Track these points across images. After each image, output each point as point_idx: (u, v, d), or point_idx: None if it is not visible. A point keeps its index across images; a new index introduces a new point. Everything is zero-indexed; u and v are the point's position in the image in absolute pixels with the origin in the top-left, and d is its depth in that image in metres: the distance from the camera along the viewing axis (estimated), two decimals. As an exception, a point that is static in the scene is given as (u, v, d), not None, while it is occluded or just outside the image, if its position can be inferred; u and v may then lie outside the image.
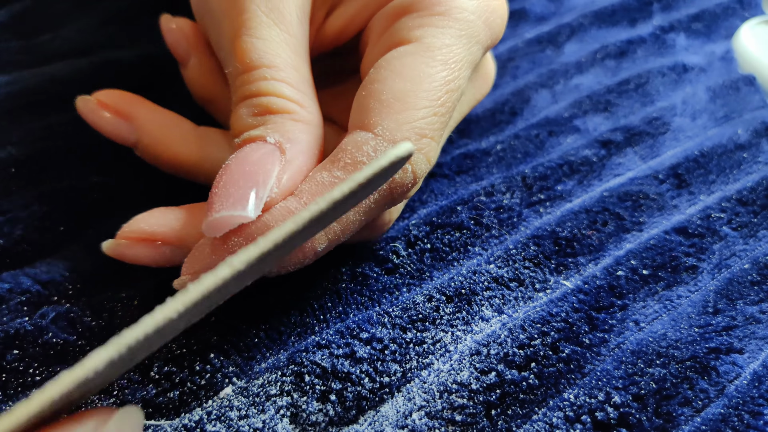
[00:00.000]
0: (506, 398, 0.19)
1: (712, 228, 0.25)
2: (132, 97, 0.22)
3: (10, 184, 0.25)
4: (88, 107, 0.22)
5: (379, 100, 0.19)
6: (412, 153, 0.15)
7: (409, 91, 0.19)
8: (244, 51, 0.20)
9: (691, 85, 0.32)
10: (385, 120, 0.18)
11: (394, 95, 0.19)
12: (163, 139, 0.22)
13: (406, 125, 0.18)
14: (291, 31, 0.20)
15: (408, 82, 0.19)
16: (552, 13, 0.37)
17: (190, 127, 0.22)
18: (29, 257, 0.23)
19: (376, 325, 0.21)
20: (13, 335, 0.20)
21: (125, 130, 0.22)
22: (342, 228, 0.18)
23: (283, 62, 0.20)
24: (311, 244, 0.18)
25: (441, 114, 0.19)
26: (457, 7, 0.20)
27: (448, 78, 0.19)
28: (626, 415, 0.19)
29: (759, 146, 0.29)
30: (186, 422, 0.18)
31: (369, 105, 0.19)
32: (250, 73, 0.20)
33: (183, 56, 0.24)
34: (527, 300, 0.22)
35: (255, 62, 0.20)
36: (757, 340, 0.21)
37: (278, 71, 0.20)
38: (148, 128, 0.22)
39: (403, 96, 0.19)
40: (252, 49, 0.20)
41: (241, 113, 0.20)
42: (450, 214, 0.25)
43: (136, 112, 0.22)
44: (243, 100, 0.20)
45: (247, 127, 0.19)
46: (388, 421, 0.19)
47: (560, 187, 0.26)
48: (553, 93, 0.32)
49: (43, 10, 0.34)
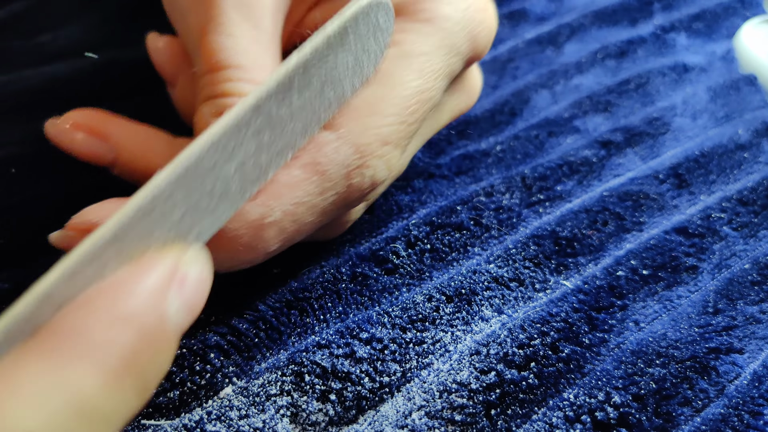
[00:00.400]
0: (506, 398, 0.19)
1: (713, 228, 0.25)
2: (103, 114, 0.22)
3: (12, 183, 0.25)
4: (59, 130, 0.21)
5: (347, 102, 0.18)
6: (385, 2, 0.15)
7: (379, 96, 0.18)
8: (210, 50, 0.19)
9: (692, 85, 0.32)
10: (351, 122, 0.18)
11: (364, 98, 0.18)
12: (142, 153, 0.21)
13: (372, 130, 0.18)
14: (261, 26, 0.20)
15: (380, 86, 0.19)
16: (552, 13, 0.37)
17: (167, 138, 0.22)
18: (30, 257, 0.23)
19: (376, 325, 0.21)
20: (13, 335, 0.20)
21: (102, 149, 0.21)
22: (297, 228, 0.18)
23: (250, 62, 0.19)
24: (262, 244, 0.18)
25: (408, 123, 0.19)
26: (441, 17, 0.20)
27: (421, 87, 0.19)
28: (626, 415, 0.19)
29: (760, 146, 0.29)
30: (186, 422, 0.18)
31: None
32: (215, 73, 0.19)
33: (171, 76, 0.23)
34: (527, 300, 0.22)
35: (221, 62, 0.19)
36: (757, 340, 0.21)
37: (245, 71, 0.19)
38: (126, 144, 0.21)
39: (374, 100, 0.18)
40: (219, 49, 0.19)
41: (204, 112, 0.19)
42: (450, 215, 0.25)
43: (111, 129, 0.21)
44: (206, 100, 0.19)
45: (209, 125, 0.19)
46: (388, 421, 0.19)
47: (560, 188, 0.26)
48: (553, 93, 0.32)
49: (43, 9, 0.34)
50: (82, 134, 0.21)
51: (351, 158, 0.18)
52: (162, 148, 0.22)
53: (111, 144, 0.21)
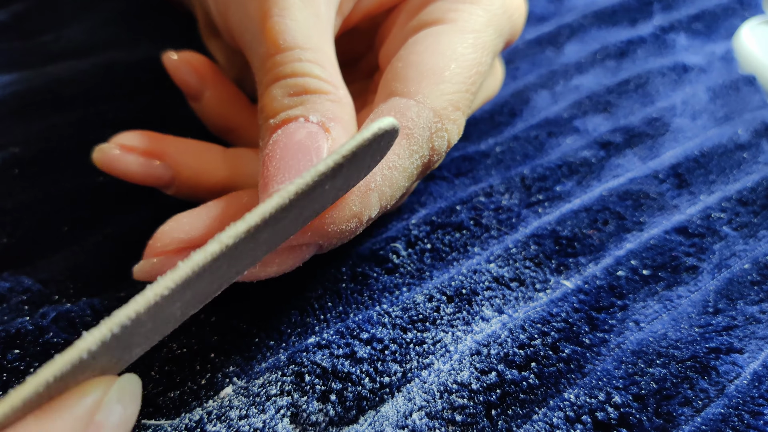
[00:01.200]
0: (506, 398, 0.19)
1: (713, 228, 0.25)
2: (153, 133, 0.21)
3: (14, 184, 0.25)
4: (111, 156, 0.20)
5: (417, 71, 0.19)
6: (397, 129, 0.15)
7: (444, 66, 0.19)
8: (276, 32, 0.19)
9: (691, 86, 0.32)
10: (426, 88, 0.19)
11: (432, 68, 0.19)
12: (203, 168, 0.21)
13: (445, 96, 0.19)
14: (319, 13, 0.20)
15: (444, 57, 0.20)
16: (552, 14, 0.37)
17: (221, 150, 0.22)
18: (31, 257, 0.23)
19: (377, 325, 0.21)
20: (13, 335, 0.20)
21: (159, 169, 0.21)
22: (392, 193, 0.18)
23: (314, 44, 0.20)
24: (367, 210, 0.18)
25: (471, 92, 0.20)
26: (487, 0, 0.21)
27: (477, 60, 0.20)
28: (626, 415, 0.19)
29: (759, 146, 0.29)
30: (186, 422, 0.18)
31: (407, 74, 0.19)
32: (283, 53, 0.19)
33: (196, 90, 0.23)
34: (528, 300, 0.22)
35: (288, 43, 0.19)
36: (757, 340, 0.21)
37: (311, 52, 0.19)
38: (185, 161, 0.21)
39: (440, 69, 0.19)
40: (285, 30, 0.19)
41: (275, 94, 0.19)
42: (450, 214, 0.25)
43: (165, 147, 0.21)
44: (275, 81, 0.19)
45: (284, 107, 0.19)
46: (389, 421, 0.19)
47: (559, 188, 0.26)
48: (553, 94, 0.32)
49: (45, 10, 0.34)
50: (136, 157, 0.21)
51: (431, 121, 0.19)
52: (219, 161, 0.22)
53: (168, 163, 0.21)
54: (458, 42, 0.20)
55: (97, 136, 0.23)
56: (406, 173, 0.19)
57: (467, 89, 0.20)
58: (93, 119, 0.28)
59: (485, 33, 0.21)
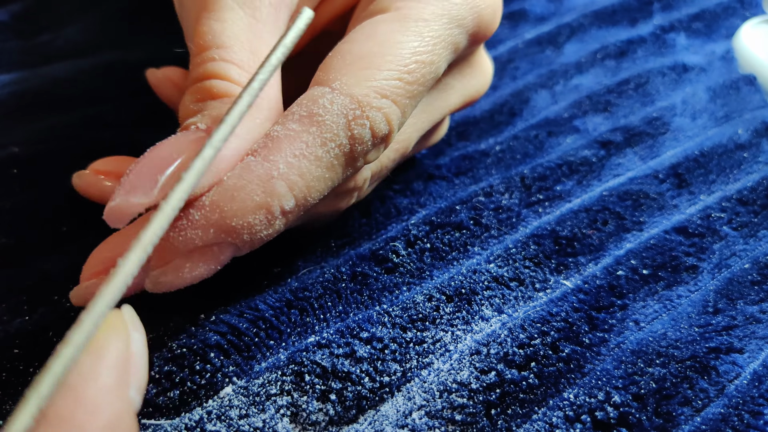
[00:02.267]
0: (506, 398, 0.19)
1: (713, 228, 0.25)
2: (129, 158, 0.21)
3: (13, 184, 0.25)
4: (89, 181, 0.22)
5: (343, 59, 0.18)
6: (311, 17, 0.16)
7: (375, 53, 0.18)
8: (200, 32, 0.19)
9: (691, 85, 0.32)
10: (345, 76, 0.18)
11: (359, 55, 0.18)
12: None
13: (366, 82, 0.18)
14: (258, 15, 0.19)
15: (376, 45, 0.19)
16: (552, 14, 0.37)
17: None
18: (31, 257, 0.23)
19: (376, 325, 0.21)
20: (13, 335, 0.20)
21: None
22: (306, 183, 0.17)
23: (238, 44, 0.19)
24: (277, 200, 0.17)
25: (407, 82, 0.19)
26: None
27: (419, 49, 0.19)
28: (626, 414, 0.19)
29: (759, 146, 0.29)
30: (186, 422, 0.18)
31: (332, 63, 0.19)
32: (201, 54, 0.19)
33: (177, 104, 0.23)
34: (527, 299, 0.22)
35: (208, 43, 0.19)
36: (757, 339, 0.21)
37: (228, 52, 0.19)
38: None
39: (369, 56, 0.18)
40: (208, 31, 0.19)
41: (185, 99, 0.19)
42: (449, 214, 0.25)
43: None
44: (192, 84, 0.19)
45: (188, 114, 0.18)
46: (388, 421, 0.19)
47: (559, 188, 0.26)
48: (553, 93, 0.32)
49: (43, 10, 0.34)
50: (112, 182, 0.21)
51: (348, 107, 0.18)
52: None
53: None
54: (397, 29, 0.19)
55: (96, 136, 0.23)
56: (321, 162, 0.18)
57: (400, 78, 0.18)
58: (92, 119, 0.28)
59: (436, 23, 0.20)
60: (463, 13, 0.20)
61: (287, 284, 0.22)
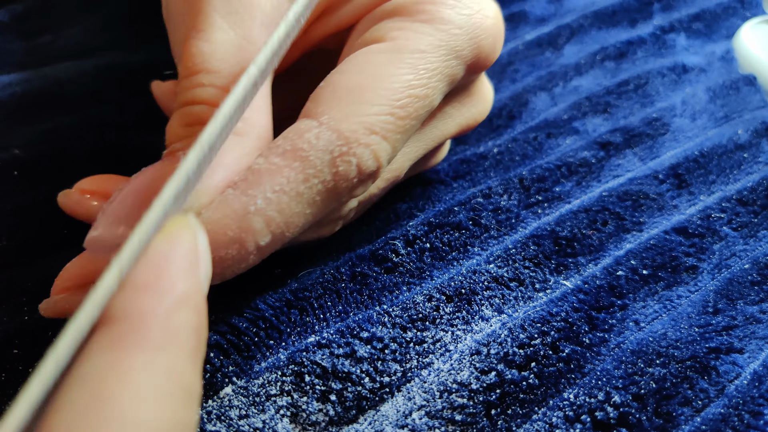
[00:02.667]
0: (506, 398, 0.19)
1: (712, 228, 0.25)
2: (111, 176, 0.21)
3: (14, 186, 0.25)
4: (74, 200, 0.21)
5: (333, 92, 0.18)
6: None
7: (366, 86, 0.18)
8: (188, 54, 0.18)
9: (691, 86, 0.32)
10: (334, 110, 0.17)
11: (350, 88, 0.18)
12: None
13: (355, 117, 0.17)
14: (249, 36, 0.19)
15: (368, 77, 0.18)
16: (552, 15, 0.37)
17: None
18: (31, 258, 0.23)
19: (377, 325, 0.21)
20: (13, 335, 0.20)
21: None
22: (284, 219, 0.17)
23: (228, 68, 0.18)
24: (252, 236, 0.17)
25: (399, 116, 0.18)
26: (442, 19, 0.19)
27: (413, 82, 0.18)
28: (626, 414, 0.19)
29: (759, 146, 0.29)
30: (186, 422, 0.18)
31: (322, 95, 0.18)
32: (189, 78, 0.18)
33: None
34: (527, 300, 0.22)
35: (197, 66, 0.18)
36: (757, 339, 0.21)
37: (218, 77, 0.18)
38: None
39: (359, 89, 0.18)
40: (197, 53, 0.18)
41: (172, 122, 0.18)
42: (448, 215, 0.25)
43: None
44: (180, 107, 0.18)
45: (176, 138, 0.18)
46: (388, 421, 0.19)
47: (558, 189, 0.26)
48: (552, 95, 0.32)
49: (44, 10, 0.34)
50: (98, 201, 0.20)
51: (334, 144, 0.17)
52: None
53: None
54: (390, 61, 0.18)
55: (97, 137, 0.23)
56: (302, 198, 0.17)
57: (392, 113, 0.18)
58: (94, 121, 0.28)
59: (433, 54, 0.19)
60: (462, 44, 0.19)
61: (287, 284, 0.22)
